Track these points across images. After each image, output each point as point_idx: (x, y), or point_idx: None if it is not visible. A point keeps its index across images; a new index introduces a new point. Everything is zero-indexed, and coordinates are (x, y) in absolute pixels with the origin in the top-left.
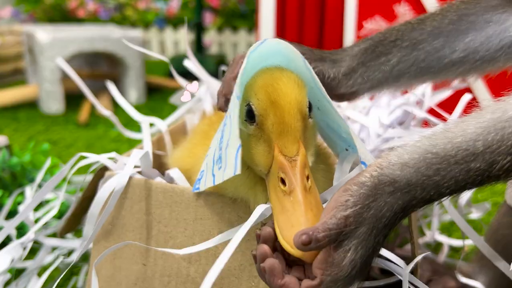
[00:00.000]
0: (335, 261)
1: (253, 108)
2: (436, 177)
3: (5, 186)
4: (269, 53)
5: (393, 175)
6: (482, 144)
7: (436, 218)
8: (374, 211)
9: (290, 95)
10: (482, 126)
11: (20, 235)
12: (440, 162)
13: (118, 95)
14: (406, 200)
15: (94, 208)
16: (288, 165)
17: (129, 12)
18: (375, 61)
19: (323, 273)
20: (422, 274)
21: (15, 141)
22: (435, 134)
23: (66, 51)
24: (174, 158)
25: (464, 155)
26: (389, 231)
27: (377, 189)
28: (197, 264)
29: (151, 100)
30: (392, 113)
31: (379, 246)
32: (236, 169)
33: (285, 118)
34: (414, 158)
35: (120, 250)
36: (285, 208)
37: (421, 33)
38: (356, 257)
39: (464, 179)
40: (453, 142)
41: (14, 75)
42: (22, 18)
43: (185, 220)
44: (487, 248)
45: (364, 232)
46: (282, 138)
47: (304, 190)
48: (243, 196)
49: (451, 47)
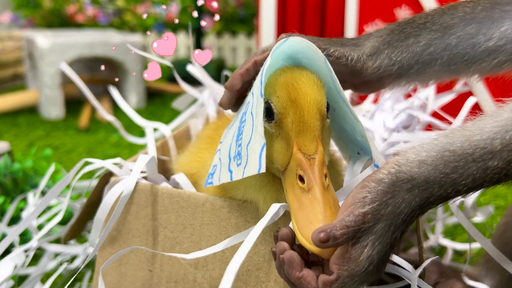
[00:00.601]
0: (352, 256)
1: (272, 106)
2: (453, 175)
3: (7, 192)
4: (290, 52)
5: (411, 172)
6: (500, 142)
7: (440, 222)
8: (392, 208)
9: (310, 94)
10: (500, 124)
11: (22, 241)
12: (457, 160)
13: (121, 100)
14: (424, 197)
15: (101, 214)
16: (307, 162)
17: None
18: (403, 42)
19: (340, 268)
20: (429, 277)
21: (16, 146)
22: (452, 132)
23: (66, 56)
24: (180, 163)
25: (482, 153)
26: (406, 227)
27: (395, 186)
28: (204, 269)
29: (151, 105)
30: (396, 117)
31: (396, 242)
32: (261, 167)
33: (304, 117)
34: (431, 155)
35: (126, 256)
36: (304, 205)
37: (452, 18)
38: (374, 252)
39: (482, 177)
40: (471, 140)
41: (14, 81)
42: (21, 24)
43: (191, 226)
44: (495, 251)
45: (381, 228)
46: (301, 136)
47: (322, 188)
48: (253, 196)
49: (486, 34)
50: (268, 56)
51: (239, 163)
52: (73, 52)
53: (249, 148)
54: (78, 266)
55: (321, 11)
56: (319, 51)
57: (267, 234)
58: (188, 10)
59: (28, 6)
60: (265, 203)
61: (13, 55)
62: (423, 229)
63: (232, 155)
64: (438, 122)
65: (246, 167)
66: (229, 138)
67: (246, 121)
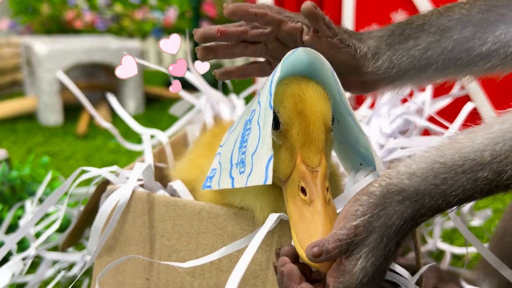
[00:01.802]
0: (347, 269)
1: (278, 116)
2: (443, 186)
3: (5, 200)
4: (299, 62)
5: (401, 184)
6: (489, 154)
7: (438, 226)
8: (384, 220)
9: (316, 106)
10: (491, 136)
11: (20, 249)
12: (447, 172)
13: (119, 107)
14: (415, 208)
15: (98, 222)
16: (310, 175)
17: (126, 23)
18: (403, 45)
19: (335, 281)
20: (427, 282)
21: (14, 153)
22: (443, 145)
23: (64, 63)
24: (177, 170)
25: (472, 165)
26: (401, 239)
27: (386, 198)
28: (200, 278)
29: (149, 110)
30: (393, 122)
31: (391, 254)
32: (267, 179)
33: (310, 129)
34: (422, 167)
35: (123, 264)
36: (305, 218)
37: (449, 20)
38: (367, 264)
39: (472, 188)
40: (461, 152)
41: (12, 87)
42: (19, 30)
43: (188, 234)
44: (491, 257)
45: (374, 240)
46: (306, 148)
47: (324, 202)
48: (250, 203)
49: (481, 39)
50: (278, 67)
51: (242, 171)
52: (71, 58)
53: (255, 158)
54: (76, 273)
55: None
56: (327, 63)
57: (264, 242)
58: (186, 15)
59: (26, 12)
60: (262, 211)
61: (11, 62)
62: (421, 233)
63: (235, 162)
64: (435, 127)
65: (250, 176)
66: (231, 143)
67: (251, 130)
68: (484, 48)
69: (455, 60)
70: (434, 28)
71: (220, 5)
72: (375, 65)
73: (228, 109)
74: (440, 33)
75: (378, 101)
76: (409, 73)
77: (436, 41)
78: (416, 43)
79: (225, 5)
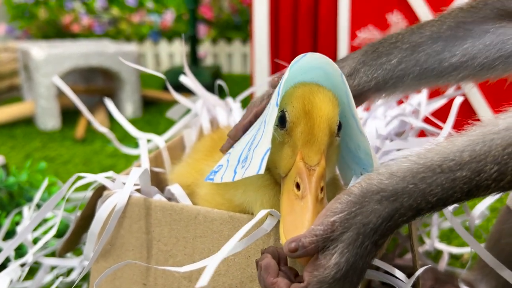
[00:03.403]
0: (321, 263)
1: (286, 115)
2: (422, 185)
3: (3, 206)
4: (309, 67)
5: (381, 184)
6: (468, 154)
7: (436, 226)
8: (361, 218)
9: (323, 109)
10: (471, 138)
11: (18, 255)
12: (425, 171)
13: (116, 111)
14: (394, 207)
15: (94, 227)
16: (306, 172)
17: (123, 26)
18: (376, 61)
19: (310, 275)
20: (424, 284)
21: (12, 158)
22: (425, 149)
23: (61, 67)
24: (176, 174)
25: (450, 165)
26: (379, 239)
27: (364, 197)
28: (197, 282)
29: (147, 113)
30: (389, 124)
31: (367, 253)
32: (260, 169)
33: (314, 129)
34: (401, 168)
35: (120, 269)
36: (294, 211)
37: (420, 37)
38: (341, 260)
39: (451, 187)
40: (441, 154)
41: (9, 92)
42: (16, 35)
43: (184, 238)
44: (489, 257)
45: (350, 237)
46: (307, 147)
47: (315, 199)
48: (251, 198)
49: (451, 51)
50: (286, 70)
51: (243, 165)
52: (68, 63)
53: (255, 152)
54: (74, 279)
55: (314, 17)
56: (336, 67)
57: (260, 246)
58: (183, 18)
59: (24, 17)
60: (262, 206)
61: (9, 67)
62: (419, 234)
63: (242, 159)
64: (431, 128)
65: (248, 168)
66: (243, 144)
67: (259, 129)
68: (454, 59)
69: (430, 70)
70: (406, 45)
71: (217, 7)
72: (354, 84)
73: (225, 113)
74: (412, 48)
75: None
76: (389, 83)
77: (409, 55)
78: (388, 59)
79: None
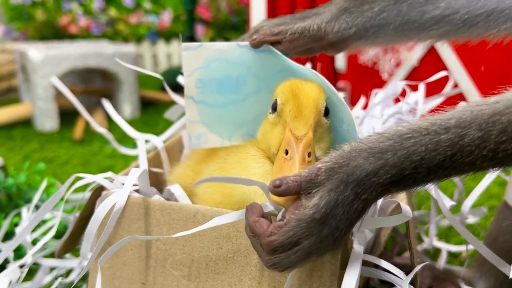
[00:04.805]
0: (302, 203)
1: (277, 100)
2: (406, 144)
3: (1, 207)
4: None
5: (368, 142)
6: (455, 120)
7: (434, 224)
8: (346, 169)
9: (310, 93)
10: (459, 110)
11: (17, 257)
12: (411, 132)
13: (114, 112)
14: (379, 163)
15: (92, 226)
16: (294, 140)
17: (121, 27)
18: (358, 8)
19: (291, 213)
20: (422, 281)
21: (11, 160)
22: (415, 120)
23: (59, 69)
24: (176, 175)
25: (436, 128)
26: (362, 192)
27: (352, 152)
28: (196, 281)
29: (145, 114)
30: (385, 123)
31: (349, 202)
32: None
33: (301, 107)
34: (390, 131)
35: (119, 269)
36: (282, 170)
37: None
38: (321, 202)
39: (434, 148)
40: (428, 120)
41: (7, 94)
42: (14, 36)
43: (183, 237)
44: (489, 253)
45: (332, 183)
46: (295, 122)
47: (302, 160)
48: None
49: (434, 4)
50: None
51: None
52: (66, 64)
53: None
54: (73, 279)
55: None
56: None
57: None
58: (180, 18)
59: (21, 18)
60: (263, 196)
61: (6, 68)
62: (417, 232)
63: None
64: None
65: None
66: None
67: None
68: (436, 12)
69: (411, 22)
70: None
71: (215, 7)
72: (333, 30)
73: None
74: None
75: (371, 101)
76: (369, 31)
77: (392, 5)
78: (370, 6)
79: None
